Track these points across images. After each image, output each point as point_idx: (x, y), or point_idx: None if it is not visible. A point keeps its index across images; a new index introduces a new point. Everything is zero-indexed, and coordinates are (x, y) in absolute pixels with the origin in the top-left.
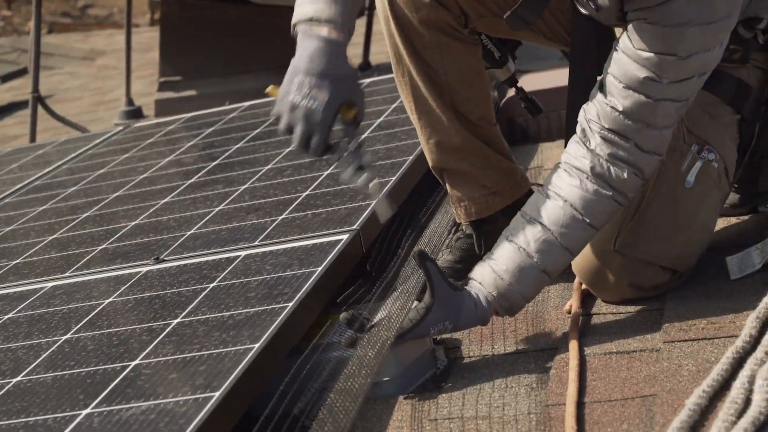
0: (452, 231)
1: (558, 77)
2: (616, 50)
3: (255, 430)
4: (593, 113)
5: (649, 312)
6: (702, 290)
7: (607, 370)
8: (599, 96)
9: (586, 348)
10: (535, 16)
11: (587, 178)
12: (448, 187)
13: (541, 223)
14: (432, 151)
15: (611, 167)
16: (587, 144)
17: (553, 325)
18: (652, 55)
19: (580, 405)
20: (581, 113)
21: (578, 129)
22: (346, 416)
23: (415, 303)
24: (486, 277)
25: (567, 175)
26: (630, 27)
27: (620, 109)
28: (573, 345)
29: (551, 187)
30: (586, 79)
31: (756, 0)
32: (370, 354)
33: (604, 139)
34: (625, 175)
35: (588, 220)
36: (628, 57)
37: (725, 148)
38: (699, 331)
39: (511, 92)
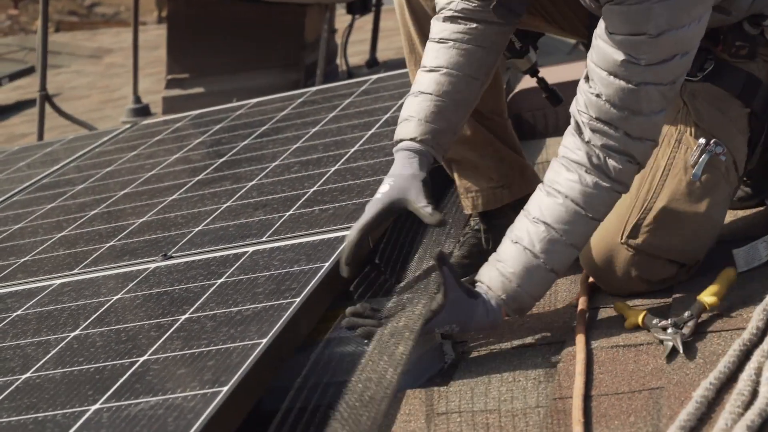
0: (464, 226)
1: (565, 72)
2: (595, 37)
3: (275, 422)
4: (581, 103)
5: (656, 305)
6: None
7: (614, 363)
8: (584, 85)
9: (593, 341)
10: (521, 8)
11: (585, 171)
12: (456, 177)
13: (544, 222)
14: None
15: (607, 158)
16: (581, 136)
17: (560, 318)
18: (624, 37)
19: (587, 398)
20: (573, 104)
21: (572, 121)
22: (377, 407)
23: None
24: (494, 280)
25: (565, 170)
26: (603, 11)
27: (604, 97)
28: (580, 338)
29: (550, 183)
30: None
31: None
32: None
33: (593, 130)
34: (620, 164)
35: (590, 215)
36: (604, 42)
37: (734, 142)
38: (706, 324)
39: (519, 87)
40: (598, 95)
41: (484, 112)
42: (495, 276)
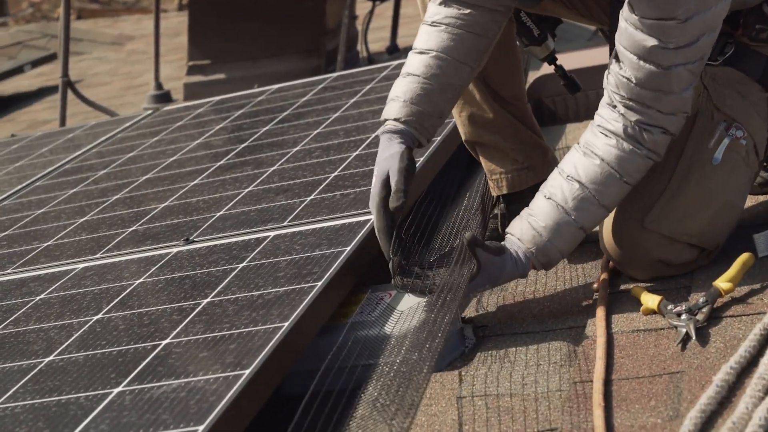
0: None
1: (585, 57)
2: (622, 20)
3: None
4: (612, 84)
5: (677, 289)
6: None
7: (634, 348)
8: (615, 67)
9: (613, 325)
10: None
11: (622, 139)
12: (482, 160)
13: (579, 181)
14: (465, 124)
15: (642, 131)
16: (616, 109)
17: (581, 303)
18: (653, 21)
19: (607, 382)
20: (605, 80)
21: (605, 94)
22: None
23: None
24: (525, 233)
25: (603, 136)
26: None
27: (634, 81)
28: (600, 323)
29: (587, 145)
30: None
31: None
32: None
33: (627, 107)
34: (655, 136)
35: (624, 179)
36: (632, 26)
37: (754, 126)
38: (726, 308)
39: (540, 73)
40: (628, 78)
41: (505, 97)
42: (526, 229)
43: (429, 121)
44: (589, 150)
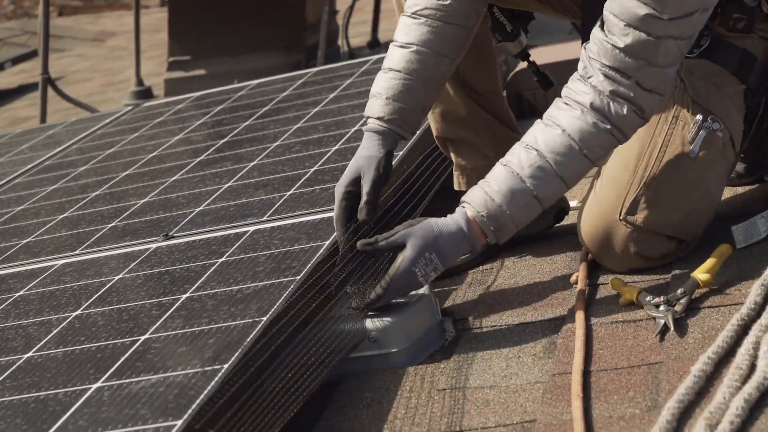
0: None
1: (567, 51)
2: None
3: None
4: (594, 51)
5: (655, 281)
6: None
7: (613, 339)
8: (599, 33)
9: (592, 317)
10: None
11: (587, 110)
12: (452, 155)
13: (537, 150)
14: (437, 120)
15: (611, 103)
16: (589, 80)
17: (560, 295)
18: None
19: (586, 373)
20: (582, 51)
21: (579, 66)
22: None
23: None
24: (477, 197)
25: (567, 107)
26: None
27: (621, 46)
28: (579, 314)
29: (550, 116)
30: None
31: None
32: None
33: (605, 76)
34: (625, 111)
35: (585, 151)
36: None
37: (730, 118)
38: (704, 299)
39: (520, 66)
40: (614, 44)
41: (479, 91)
42: (478, 194)
43: (412, 117)
44: (551, 121)
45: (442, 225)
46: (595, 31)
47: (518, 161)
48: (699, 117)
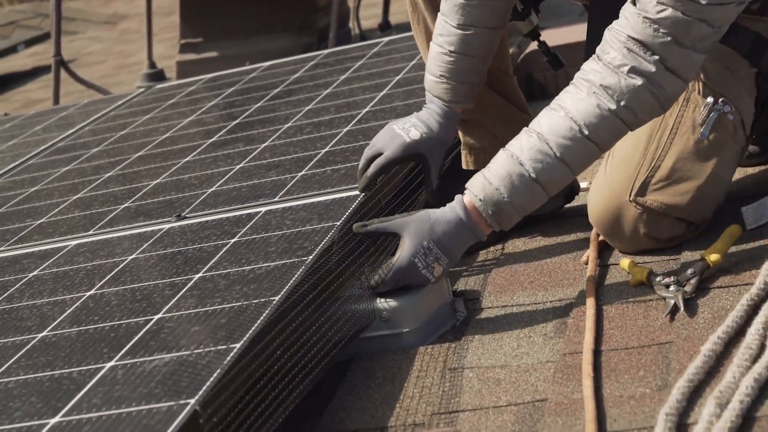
0: None
1: (577, 32)
2: None
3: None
4: (621, 24)
5: (665, 262)
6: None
7: (623, 319)
8: (630, 8)
9: (603, 297)
10: None
11: (594, 89)
12: (460, 134)
13: (538, 132)
14: None
15: (624, 79)
16: (605, 56)
17: (570, 275)
18: None
19: (597, 353)
20: (606, 30)
21: (597, 49)
22: None
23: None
24: (475, 182)
25: (574, 88)
26: None
27: (653, 17)
28: (590, 295)
29: (556, 100)
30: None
31: None
32: None
33: (628, 49)
34: (639, 84)
35: (587, 133)
36: None
37: (741, 101)
38: (714, 279)
39: (531, 47)
40: (646, 17)
41: (490, 69)
42: (477, 179)
43: (474, 92)
44: (557, 104)
45: (438, 214)
46: (626, 6)
47: (519, 145)
48: (710, 99)
